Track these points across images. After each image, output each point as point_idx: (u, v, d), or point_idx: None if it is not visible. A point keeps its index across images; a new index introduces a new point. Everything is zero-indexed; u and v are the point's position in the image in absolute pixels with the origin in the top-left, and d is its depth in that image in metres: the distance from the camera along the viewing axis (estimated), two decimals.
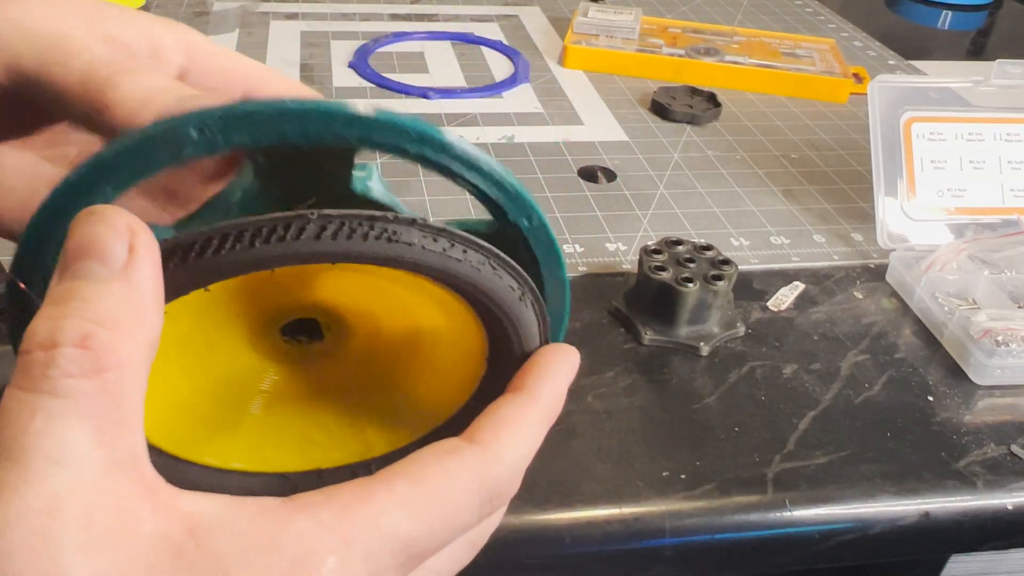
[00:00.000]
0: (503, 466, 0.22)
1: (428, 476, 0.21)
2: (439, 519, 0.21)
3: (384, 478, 0.21)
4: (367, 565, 0.19)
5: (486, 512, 0.22)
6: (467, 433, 0.23)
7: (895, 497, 0.42)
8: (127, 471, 0.18)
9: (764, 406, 0.46)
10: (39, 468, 0.16)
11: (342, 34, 0.89)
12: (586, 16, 0.90)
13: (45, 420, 0.16)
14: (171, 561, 0.17)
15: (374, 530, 0.20)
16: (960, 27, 1.14)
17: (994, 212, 0.61)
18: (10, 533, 0.15)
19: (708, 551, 0.41)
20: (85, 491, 0.17)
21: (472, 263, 0.24)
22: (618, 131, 0.74)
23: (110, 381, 0.17)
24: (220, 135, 0.22)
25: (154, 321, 0.19)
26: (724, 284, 0.49)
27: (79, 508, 0.16)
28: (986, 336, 0.49)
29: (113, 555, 0.16)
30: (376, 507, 0.20)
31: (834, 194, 0.67)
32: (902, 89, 0.61)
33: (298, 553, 0.19)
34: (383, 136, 0.23)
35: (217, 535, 0.18)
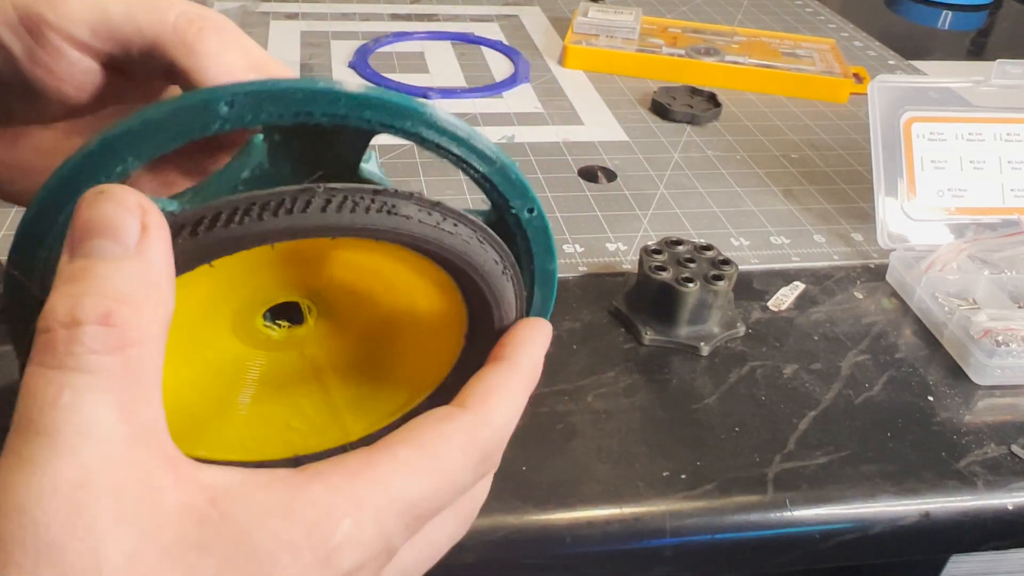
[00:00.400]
0: (492, 428, 0.24)
1: (426, 440, 0.22)
2: (440, 479, 0.22)
3: (386, 445, 0.22)
4: (378, 526, 0.20)
5: (480, 472, 0.24)
6: (457, 399, 0.24)
7: (895, 497, 0.42)
8: (149, 444, 0.18)
9: (764, 406, 0.46)
10: (70, 442, 0.17)
11: (342, 34, 0.89)
12: (586, 16, 0.90)
13: (72, 395, 0.17)
14: (195, 529, 0.18)
15: (382, 492, 0.21)
16: (960, 27, 1.14)
17: (994, 212, 0.61)
18: (45, 504, 0.16)
19: (708, 551, 0.41)
20: (113, 463, 0.17)
21: (462, 236, 0.24)
22: (618, 131, 0.74)
23: (132, 357, 0.18)
24: (249, 112, 0.22)
25: (168, 297, 0.19)
26: (724, 284, 0.49)
27: (108, 480, 0.17)
28: (986, 336, 0.49)
29: (141, 524, 0.17)
30: (382, 471, 0.21)
31: (834, 194, 0.67)
32: (902, 89, 0.61)
33: (314, 517, 0.19)
34: (408, 125, 0.24)
35: (237, 504, 0.19)
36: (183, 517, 0.18)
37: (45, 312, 0.18)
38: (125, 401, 0.18)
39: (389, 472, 0.21)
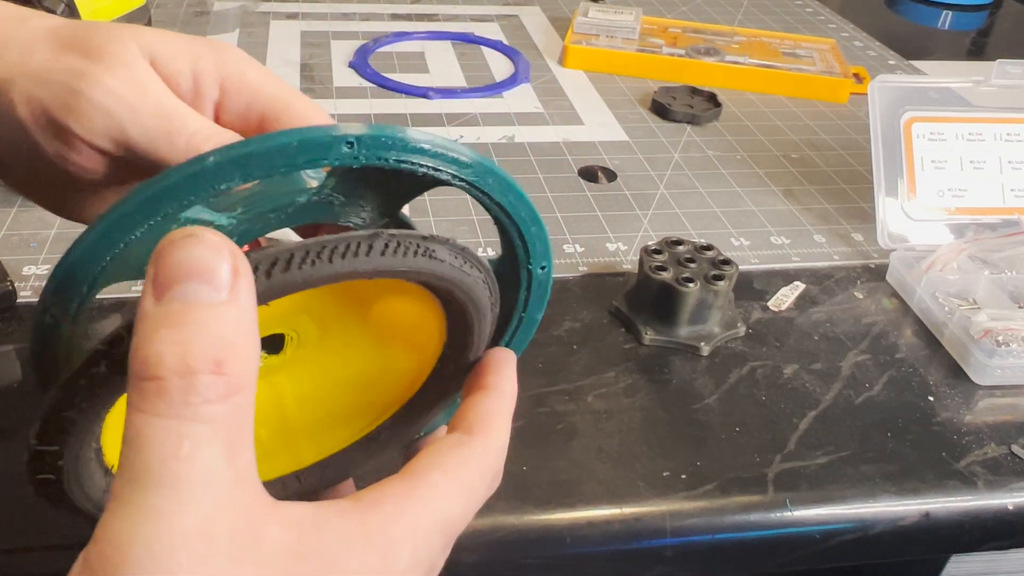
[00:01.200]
0: (497, 450, 0.27)
1: (450, 467, 0.25)
2: (467, 499, 0.25)
3: (420, 473, 0.24)
4: (428, 547, 0.23)
5: (492, 489, 0.27)
6: (463, 427, 0.27)
7: (896, 497, 0.42)
8: (249, 486, 0.19)
9: (765, 406, 0.46)
10: (192, 493, 0.18)
11: (342, 34, 0.89)
12: (586, 16, 0.90)
13: (192, 447, 0.18)
14: (296, 563, 0.20)
15: (429, 516, 0.23)
16: (960, 27, 1.14)
17: (994, 212, 0.61)
18: (177, 553, 0.17)
19: (709, 551, 0.41)
20: (226, 509, 0.18)
21: (474, 278, 0.26)
22: (618, 131, 0.74)
23: (237, 404, 0.19)
24: (363, 152, 0.23)
25: (258, 340, 0.20)
26: (725, 284, 0.49)
27: (225, 525, 0.18)
28: (987, 336, 0.49)
29: (254, 563, 0.19)
30: (424, 497, 0.24)
31: (834, 194, 0.67)
32: (902, 89, 0.61)
33: (385, 544, 0.22)
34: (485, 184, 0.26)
35: (321, 537, 0.21)
36: (283, 554, 0.20)
37: (149, 358, 0.18)
38: (231, 447, 0.19)
39: (430, 498, 0.24)
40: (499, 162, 0.68)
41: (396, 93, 0.78)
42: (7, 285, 0.48)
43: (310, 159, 0.22)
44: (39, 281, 0.51)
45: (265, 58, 0.82)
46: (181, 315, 0.18)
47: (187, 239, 0.19)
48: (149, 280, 0.19)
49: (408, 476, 0.24)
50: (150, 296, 0.19)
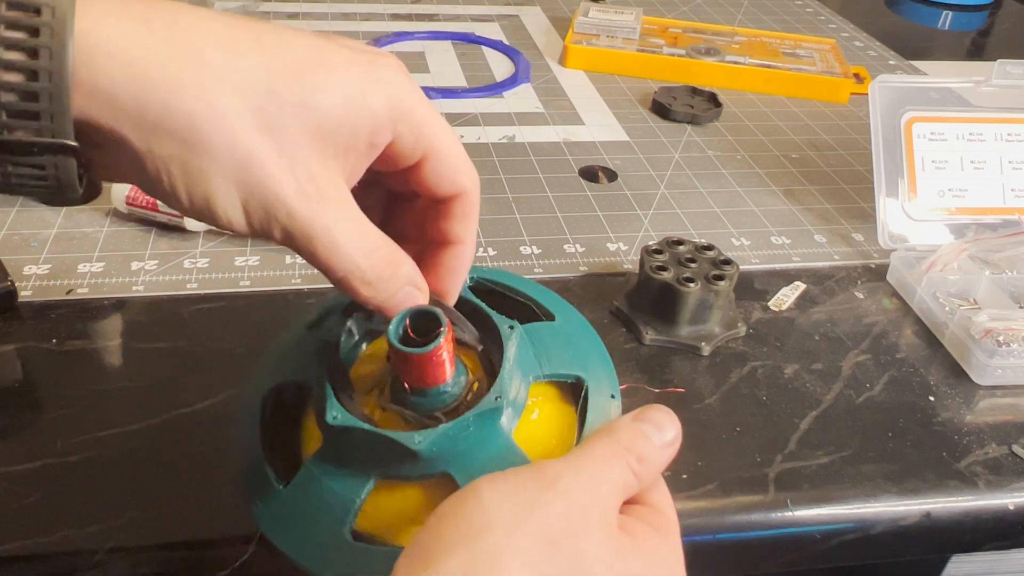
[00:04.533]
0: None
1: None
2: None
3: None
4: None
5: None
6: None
7: (896, 497, 0.42)
8: (612, 511, 0.28)
9: (765, 406, 0.46)
10: (598, 482, 0.28)
11: (343, 34, 0.89)
12: (587, 16, 0.90)
13: (608, 470, 0.29)
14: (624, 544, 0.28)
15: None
16: (960, 27, 1.14)
17: (995, 212, 0.61)
18: (577, 501, 0.27)
19: (709, 551, 0.41)
20: (603, 506, 0.28)
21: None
22: (619, 131, 0.74)
23: (637, 481, 0.29)
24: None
25: (655, 477, 0.31)
26: (725, 284, 0.49)
27: (600, 509, 0.28)
28: (987, 336, 0.49)
29: (607, 531, 0.27)
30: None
31: (835, 194, 0.67)
32: (903, 89, 0.61)
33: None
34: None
35: (647, 542, 0.29)
36: (619, 538, 0.28)
37: (622, 429, 0.30)
38: (615, 491, 0.29)
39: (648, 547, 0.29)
40: (500, 162, 0.68)
41: None
42: (8, 284, 0.48)
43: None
44: (39, 281, 0.51)
45: None
46: (643, 436, 0.30)
47: (658, 409, 0.31)
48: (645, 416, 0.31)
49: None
50: (632, 417, 0.31)
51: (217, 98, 0.25)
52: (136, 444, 0.41)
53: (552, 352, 0.34)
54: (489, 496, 0.26)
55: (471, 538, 0.25)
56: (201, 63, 0.25)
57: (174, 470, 0.40)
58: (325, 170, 0.27)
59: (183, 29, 0.25)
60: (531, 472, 0.27)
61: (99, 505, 0.38)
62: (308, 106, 0.26)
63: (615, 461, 0.29)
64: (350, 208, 0.28)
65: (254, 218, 0.26)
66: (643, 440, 0.30)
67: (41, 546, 0.36)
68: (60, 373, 0.45)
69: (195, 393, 0.44)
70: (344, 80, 0.27)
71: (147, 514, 0.37)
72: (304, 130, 0.26)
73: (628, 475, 0.29)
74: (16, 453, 0.40)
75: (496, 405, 0.30)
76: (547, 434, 0.33)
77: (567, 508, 0.26)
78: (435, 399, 0.30)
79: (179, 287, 0.51)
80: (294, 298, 0.51)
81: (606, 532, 0.27)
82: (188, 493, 0.38)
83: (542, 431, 0.33)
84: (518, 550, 0.25)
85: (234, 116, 0.25)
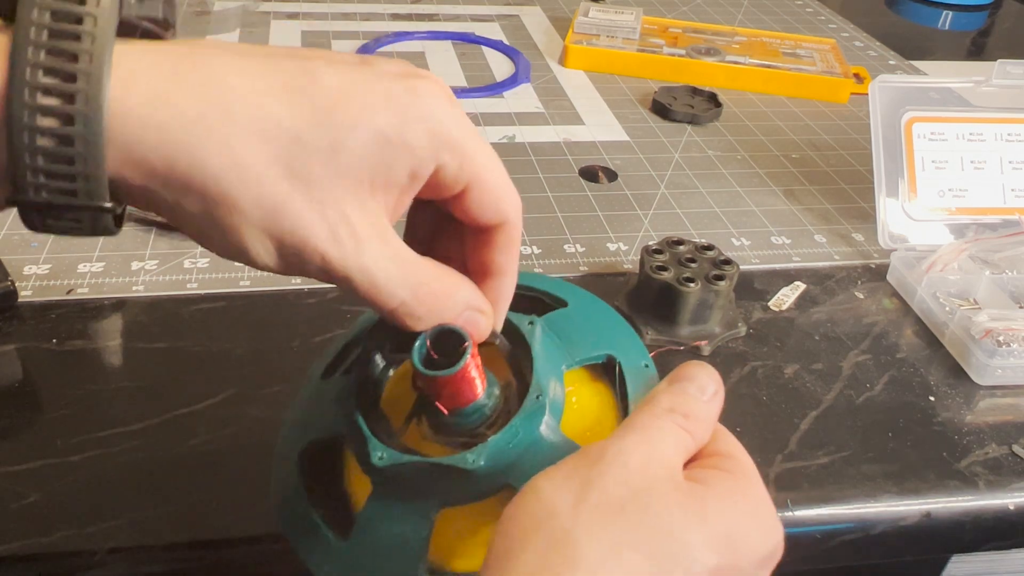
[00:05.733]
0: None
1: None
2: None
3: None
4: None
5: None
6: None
7: (897, 497, 0.42)
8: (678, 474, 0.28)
9: (765, 406, 0.46)
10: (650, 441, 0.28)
11: (343, 33, 0.89)
12: (587, 16, 0.90)
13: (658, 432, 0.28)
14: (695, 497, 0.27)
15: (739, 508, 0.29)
16: (960, 27, 1.14)
17: (995, 212, 0.61)
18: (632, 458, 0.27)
19: None
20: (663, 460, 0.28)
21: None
22: (619, 131, 0.74)
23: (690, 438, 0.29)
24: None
25: (708, 433, 0.30)
26: (726, 284, 0.49)
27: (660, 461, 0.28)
28: (987, 336, 0.49)
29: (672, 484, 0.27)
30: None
31: (835, 194, 0.67)
32: (903, 89, 0.61)
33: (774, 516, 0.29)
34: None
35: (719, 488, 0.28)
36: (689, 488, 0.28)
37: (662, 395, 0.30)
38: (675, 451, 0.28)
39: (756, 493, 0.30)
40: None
41: None
42: (8, 284, 0.48)
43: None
44: (40, 281, 0.51)
45: None
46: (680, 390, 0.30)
47: (696, 364, 0.31)
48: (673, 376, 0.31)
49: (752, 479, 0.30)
50: (666, 381, 0.31)
51: (243, 152, 0.25)
52: (136, 444, 0.41)
53: (575, 337, 0.33)
54: (546, 486, 0.27)
55: (539, 529, 0.26)
56: (228, 117, 0.25)
57: (174, 470, 0.40)
58: (361, 210, 0.27)
59: (212, 81, 0.25)
60: (581, 455, 0.28)
61: (99, 505, 0.38)
62: (338, 149, 0.26)
63: (662, 423, 0.29)
64: (390, 245, 0.28)
65: (290, 262, 0.27)
66: (684, 397, 0.30)
67: (41, 546, 0.36)
68: (60, 373, 0.45)
69: (195, 393, 0.43)
70: (380, 116, 0.26)
71: (147, 514, 0.37)
72: (336, 174, 0.26)
73: (679, 433, 0.29)
74: (16, 453, 0.40)
75: (539, 404, 0.30)
76: (592, 419, 0.32)
77: (625, 474, 0.27)
78: (475, 415, 0.30)
79: (179, 287, 0.51)
80: (294, 298, 0.51)
81: (672, 484, 0.27)
82: (188, 493, 0.38)
83: (586, 417, 0.32)
84: (587, 525, 0.25)
85: (262, 168, 0.25)
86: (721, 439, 0.31)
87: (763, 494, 0.29)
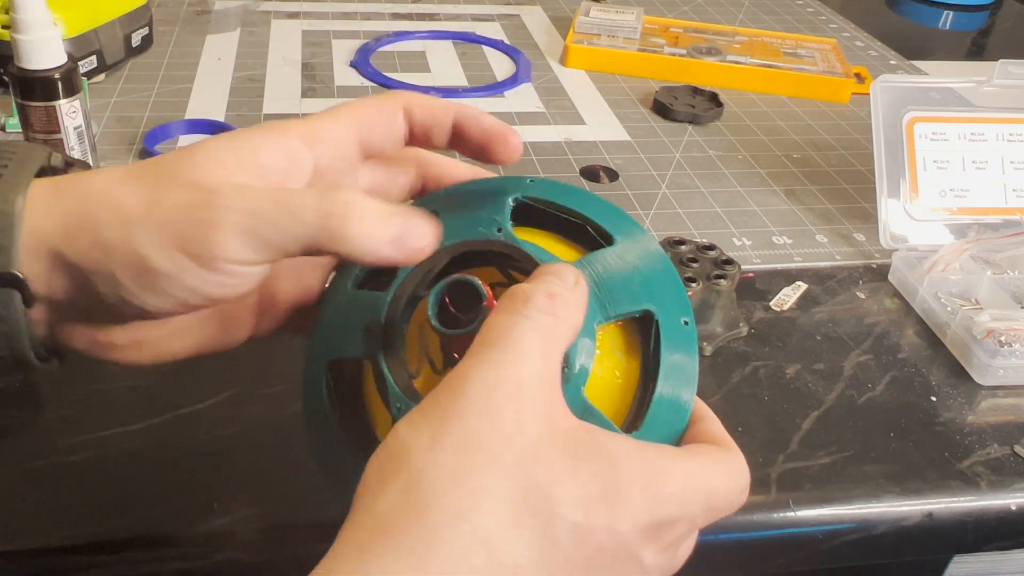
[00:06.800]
0: (745, 465, 0.29)
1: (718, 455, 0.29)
2: (725, 484, 0.28)
3: (693, 448, 0.28)
4: (694, 499, 0.27)
5: (729, 503, 0.28)
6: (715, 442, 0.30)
7: (898, 497, 0.42)
8: (553, 385, 0.27)
9: (767, 406, 0.46)
10: (515, 357, 0.26)
11: (343, 33, 0.89)
12: (588, 16, 0.90)
13: (521, 333, 0.26)
14: (575, 444, 0.25)
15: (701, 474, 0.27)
16: (961, 27, 1.14)
17: (996, 212, 0.61)
18: (498, 388, 0.25)
19: (711, 551, 0.41)
20: (536, 379, 0.26)
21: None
22: (620, 131, 0.74)
23: (556, 322, 0.27)
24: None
25: (579, 320, 0.28)
26: (727, 284, 0.49)
27: (533, 388, 0.26)
28: (989, 336, 0.49)
29: (548, 423, 0.25)
30: (702, 461, 0.28)
31: (836, 194, 0.67)
32: (904, 89, 0.61)
33: (657, 466, 0.26)
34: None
35: (606, 439, 0.26)
36: (568, 433, 0.26)
37: (514, 291, 0.28)
38: (544, 345, 0.27)
39: (707, 462, 0.28)
40: None
41: None
42: None
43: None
44: None
45: (266, 57, 0.82)
46: (542, 280, 0.28)
47: (554, 263, 0.30)
48: (535, 275, 0.29)
49: (680, 448, 0.28)
50: (532, 280, 0.29)
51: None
52: (136, 444, 0.41)
53: (615, 286, 0.31)
54: (403, 427, 0.25)
55: (397, 473, 0.24)
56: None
57: (174, 470, 0.39)
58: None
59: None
60: (442, 387, 0.26)
61: (99, 505, 0.37)
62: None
63: (521, 319, 0.27)
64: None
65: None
66: (543, 284, 0.28)
67: (41, 546, 0.36)
68: (60, 373, 0.44)
69: (195, 393, 0.43)
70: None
71: (147, 514, 0.37)
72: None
73: (543, 319, 0.27)
74: (16, 453, 0.40)
75: (563, 377, 0.28)
76: (618, 383, 0.31)
77: (487, 407, 0.25)
78: None
79: None
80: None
81: (545, 424, 0.25)
82: (189, 493, 0.38)
83: (612, 381, 0.31)
84: (445, 468, 0.24)
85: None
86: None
87: (665, 463, 0.27)
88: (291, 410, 0.42)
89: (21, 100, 0.55)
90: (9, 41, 0.53)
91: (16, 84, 0.54)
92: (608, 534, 0.25)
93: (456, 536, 0.23)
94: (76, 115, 0.56)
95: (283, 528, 0.37)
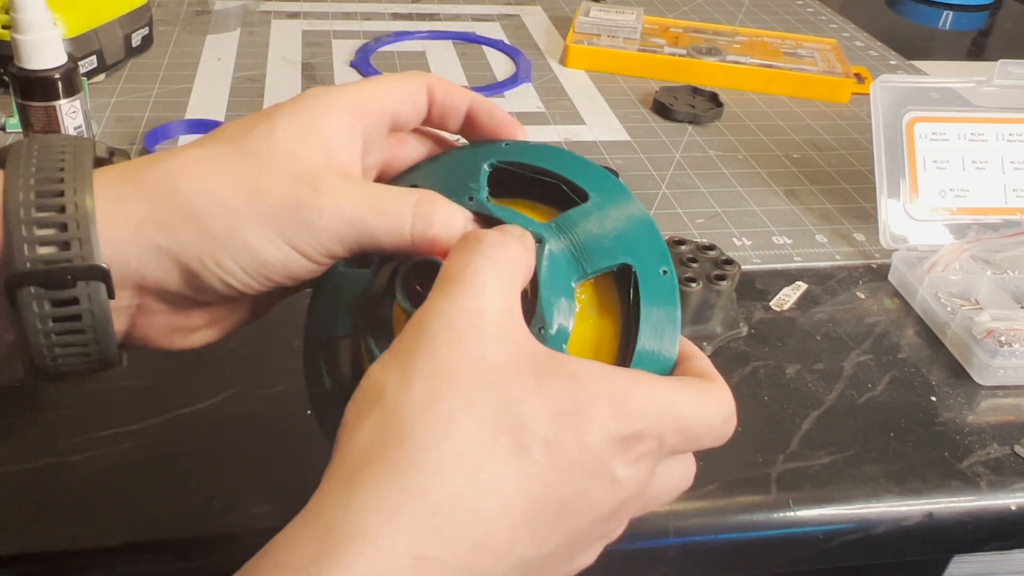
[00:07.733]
0: (730, 397, 0.30)
1: (700, 384, 0.29)
2: (704, 411, 0.28)
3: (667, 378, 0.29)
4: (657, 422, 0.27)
5: (716, 435, 0.29)
6: (701, 375, 0.30)
7: (898, 497, 0.42)
8: (513, 314, 0.28)
9: (767, 406, 0.46)
10: (472, 290, 0.27)
11: (343, 33, 0.89)
12: (588, 16, 0.90)
13: (476, 267, 0.28)
14: (541, 365, 0.27)
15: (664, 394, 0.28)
16: (961, 27, 1.14)
17: (996, 212, 0.61)
18: (458, 318, 0.26)
19: (712, 551, 0.41)
20: (495, 310, 0.27)
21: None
22: (620, 131, 0.74)
23: (512, 258, 0.28)
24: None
25: (531, 262, 0.30)
26: (727, 284, 0.49)
27: (493, 316, 0.27)
28: (989, 336, 0.49)
29: (511, 348, 0.27)
30: (669, 385, 0.28)
31: (836, 194, 0.67)
32: (904, 89, 0.61)
33: (622, 383, 0.27)
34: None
35: (571, 362, 0.27)
36: (533, 356, 0.27)
37: (472, 232, 0.30)
38: (501, 278, 0.28)
39: (674, 387, 0.28)
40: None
41: None
42: None
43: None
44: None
45: (267, 57, 0.82)
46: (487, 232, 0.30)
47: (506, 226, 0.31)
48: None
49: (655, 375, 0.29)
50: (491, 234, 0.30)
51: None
52: (136, 444, 0.41)
53: (590, 242, 0.32)
54: (375, 368, 0.27)
55: (372, 410, 0.25)
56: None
57: (174, 470, 0.39)
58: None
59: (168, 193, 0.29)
60: (408, 327, 0.27)
61: (99, 505, 0.37)
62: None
63: (473, 257, 0.28)
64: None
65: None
66: (491, 232, 0.29)
67: (41, 546, 0.36)
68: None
69: (195, 393, 0.43)
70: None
71: (147, 514, 0.37)
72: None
73: (495, 252, 0.28)
74: (16, 453, 0.40)
75: (541, 337, 0.29)
76: (599, 337, 0.31)
77: (453, 337, 0.26)
78: None
79: None
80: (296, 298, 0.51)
81: (511, 347, 0.26)
82: (189, 493, 0.38)
83: (593, 336, 0.31)
84: (418, 397, 0.25)
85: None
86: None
87: (628, 382, 0.27)
88: (291, 410, 0.42)
89: (21, 100, 0.55)
90: (9, 41, 0.53)
91: (16, 84, 0.54)
92: (578, 447, 0.26)
93: (435, 458, 0.24)
94: (76, 115, 0.56)
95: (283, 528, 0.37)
